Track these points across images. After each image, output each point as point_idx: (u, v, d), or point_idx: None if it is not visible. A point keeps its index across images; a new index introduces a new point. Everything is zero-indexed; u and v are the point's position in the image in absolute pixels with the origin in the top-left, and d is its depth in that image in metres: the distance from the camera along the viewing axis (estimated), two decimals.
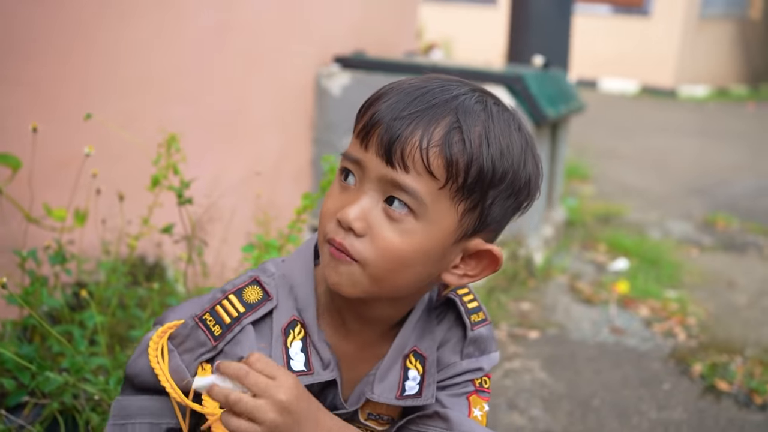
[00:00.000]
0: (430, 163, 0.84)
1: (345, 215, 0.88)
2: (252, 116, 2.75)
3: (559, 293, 3.02)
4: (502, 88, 2.92)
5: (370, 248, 0.88)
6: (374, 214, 0.88)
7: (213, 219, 1.99)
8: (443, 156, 0.84)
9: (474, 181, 0.86)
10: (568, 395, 2.19)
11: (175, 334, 1.00)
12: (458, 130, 0.85)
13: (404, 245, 0.87)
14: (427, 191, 0.85)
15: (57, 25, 2.04)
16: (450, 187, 0.86)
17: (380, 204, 0.88)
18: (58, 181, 2.02)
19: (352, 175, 0.90)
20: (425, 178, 0.85)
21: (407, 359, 1.01)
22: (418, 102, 0.86)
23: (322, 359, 0.98)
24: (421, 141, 0.84)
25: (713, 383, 2.30)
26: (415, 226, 0.87)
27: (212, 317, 0.96)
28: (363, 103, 0.92)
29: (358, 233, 0.88)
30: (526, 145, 0.90)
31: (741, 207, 4.83)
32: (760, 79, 12.75)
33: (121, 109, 2.23)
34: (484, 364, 1.05)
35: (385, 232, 0.87)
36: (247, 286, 0.98)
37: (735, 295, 3.18)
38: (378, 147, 0.86)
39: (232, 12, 2.58)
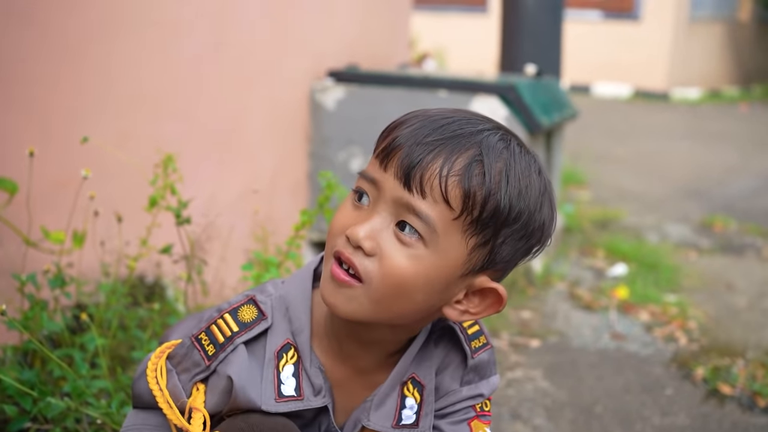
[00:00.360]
0: (448, 191, 0.84)
1: (355, 233, 0.87)
2: (247, 132, 2.76)
3: (558, 300, 3.02)
4: (496, 97, 2.93)
5: (377, 269, 0.87)
6: (384, 235, 0.87)
7: (211, 237, 1.99)
8: (462, 186, 0.84)
9: (489, 216, 0.85)
10: (570, 403, 2.19)
11: (173, 353, 1.00)
12: (480, 163, 0.85)
13: (410, 270, 0.87)
14: (440, 219, 0.85)
15: (47, 47, 2.05)
16: (464, 219, 0.85)
17: (391, 226, 0.87)
18: (55, 203, 2.02)
19: (366, 196, 0.90)
20: (441, 207, 0.85)
21: (405, 386, 1.01)
22: (442, 130, 0.86)
23: (313, 385, 0.97)
24: (442, 169, 0.84)
25: (716, 387, 2.30)
26: (423, 254, 0.86)
27: (207, 337, 0.97)
28: (386, 126, 0.92)
29: (367, 252, 0.87)
30: (544, 190, 0.90)
31: (738, 208, 4.85)
32: (751, 80, 12.81)
33: (116, 128, 2.23)
34: (484, 390, 1.05)
35: (393, 254, 0.87)
36: (242, 305, 0.98)
37: (734, 297, 3.18)
38: (397, 169, 0.86)
39: (225, 29, 2.59)
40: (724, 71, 12.40)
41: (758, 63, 12.99)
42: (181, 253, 1.82)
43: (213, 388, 0.96)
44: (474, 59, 10.90)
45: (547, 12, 4.28)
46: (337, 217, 0.92)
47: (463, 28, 12.19)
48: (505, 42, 4.29)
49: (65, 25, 2.07)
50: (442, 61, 10.89)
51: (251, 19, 2.70)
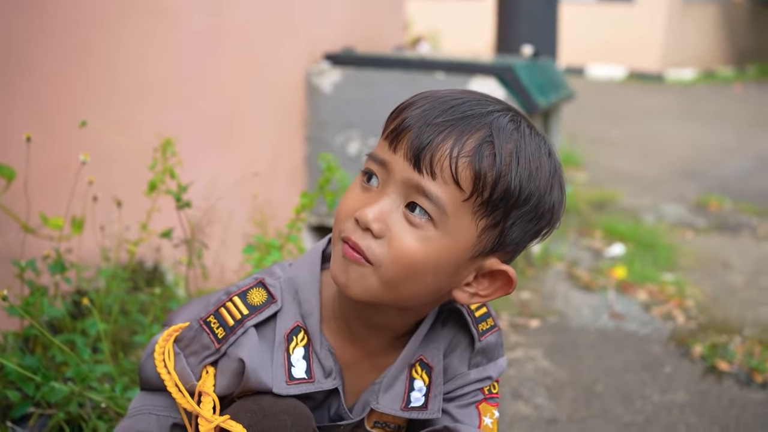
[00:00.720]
0: (458, 172, 0.83)
1: (364, 215, 0.86)
2: (245, 118, 2.75)
3: (557, 281, 3.03)
4: (493, 78, 2.92)
5: (386, 251, 0.86)
6: (394, 217, 0.86)
7: (211, 221, 1.99)
8: (472, 167, 0.83)
9: (499, 197, 0.84)
10: (571, 382, 2.20)
11: (180, 336, 0.99)
12: (490, 144, 0.84)
13: (420, 252, 0.86)
14: (450, 201, 0.84)
15: (54, 35, 2.04)
16: (474, 201, 0.84)
17: (401, 208, 0.86)
18: (54, 189, 2.01)
19: (375, 177, 0.89)
20: (451, 188, 0.84)
21: (413, 369, 1.00)
22: (452, 111, 0.85)
23: (323, 367, 0.97)
24: (452, 149, 0.83)
25: (714, 364, 2.32)
26: (433, 235, 0.86)
27: (216, 320, 0.96)
28: (396, 107, 0.91)
29: (375, 234, 0.86)
30: (554, 172, 0.89)
31: (732, 188, 4.86)
32: (745, 61, 12.81)
33: (117, 115, 2.22)
34: (492, 372, 1.04)
35: (403, 236, 0.85)
36: (251, 288, 0.97)
37: (731, 275, 3.20)
38: (407, 150, 0.85)
39: (222, 16, 2.57)
40: (718, 52, 12.39)
41: (752, 43, 12.98)
42: (181, 237, 1.82)
43: (223, 371, 0.96)
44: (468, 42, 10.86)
45: None
46: (346, 200, 0.91)
47: (456, 11, 12.14)
48: (501, 24, 4.28)
49: (66, 13, 2.06)
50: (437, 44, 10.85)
51: (248, 5, 2.68)
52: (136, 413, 1.02)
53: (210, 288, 2.08)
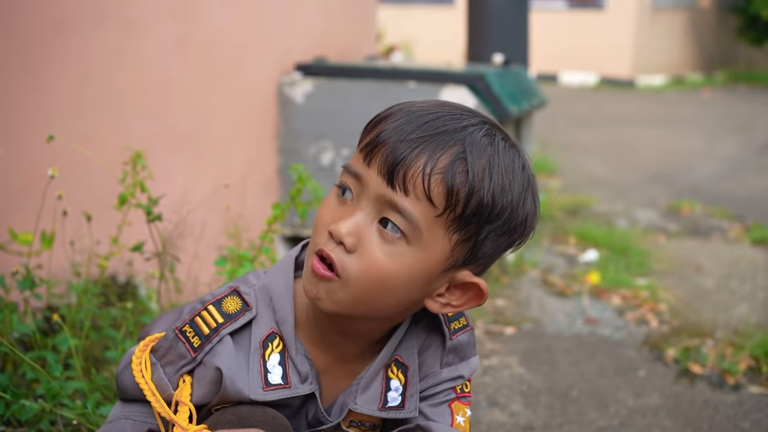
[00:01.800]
0: (431, 189, 0.84)
1: (337, 229, 0.87)
2: (216, 129, 2.74)
3: (532, 288, 3.05)
4: (464, 87, 2.94)
5: (357, 266, 0.87)
6: (367, 232, 0.87)
7: (183, 234, 1.98)
8: (445, 184, 0.84)
9: (472, 213, 0.85)
10: (546, 388, 2.21)
11: (157, 346, 1.00)
12: (463, 160, 0.85)
13: (391, 268, 0.87)
14: (423, 217, 0.85)
15: (11, 45, 2.01)
16: (447, 216, 0.85)
17: (374, 223, 0.87)
18: (22, 204, 1.98)
19: (349, 191, 0.90)
20: (423, 204, 0.85)
21: (389, 369, 1.01)
22: (427, 127, 0.86)
23: (299, 372, 0.98)
24: (425, 166, 0.84)
25: (687, 367, 2.35)
26: (406, 251, 0.87)
27: (192, 329, 0.96)
28: (371, 119, 0.92)
29: (348, 249, 0.87)
30: (527, 185, 0.90)
31: (703, 192, 4.93)
32: (713, 66, 13.04)
33: (83, 127, 2.20)
34: (464, 371, 1.05)
35: (375, 251, 0.87)
36: (226, 296, 0.98)
37: (703, 279, 3.24)
38: (381, 166, 0.86)
39: (190, 25, 2.56)
40: (687, 58, 12.60)
41: (720, 49, 13.22)
42: (152, 251, 1.80)
43: (200, 380, 0.96)
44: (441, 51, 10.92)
45: (512, 2, 4.31)
46: (321, 212, 0.92)
47: (429, 20, 12.21)
48: (472, 32, 4.31)
49: (29, 22, 2.03)
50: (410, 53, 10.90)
51: (216, 14, 2.68)
52: (113, 419, 1.02)
53: (183, 301, 2.07)
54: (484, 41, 4.17)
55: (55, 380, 1.52)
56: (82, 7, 2.18)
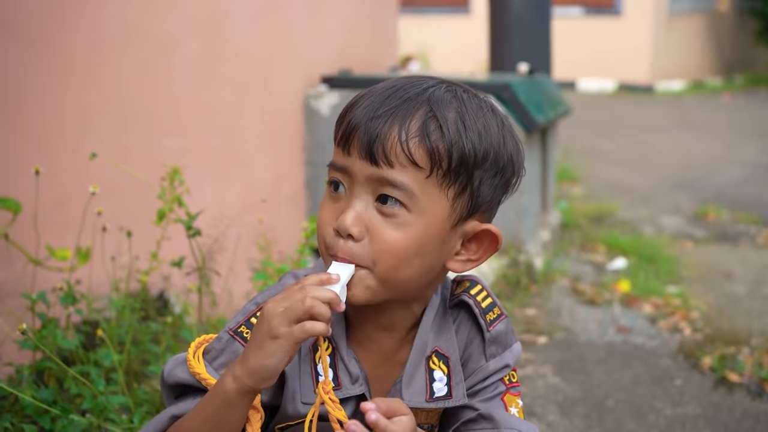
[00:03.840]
0: (412, 154, 0.87)
1: (342, 223, 0.89)
2: (244, 142, 2.76)
3: (562, 297, 3.04)
4: (491, 97, 2.94)
5: (372, 249, 0.89)
6: (369, 215, 0.89)
7: (221, 249, 1.99)
8: (423, 145, 0.87)
9: (458, 164, 0.88)
10: (582, 398, 2.20)
11: (208, 348, 0.98)
12: (434, 118, 0.88)
13: (403, 239, 0.89)
14: (414, 182, 0.88)
15: (51, 66, 2.04)
16: (436, 174, 0.88)
17: (372, 204, 0.90)
18: (60, 220, 2.01)
19: (341, 185, 0.92)
20: (410, 170, 0.88)
21: (430, 360, 1.01)
22: (390, 100, 0.89)
23: (350, 374, 0.98)
24: (400, 135, 0.87)
25: (724, 375, 2.32)
26: (409, 219, 0.89)
27: (248, 329, 0.96)
28: (339, 114, 0.94)
29: (356, 238, 0.89)
30: (502, 125, 0.94)
31: (728, 197, 4.89)
32: (733, 70, 12.94)
33: (115, 144, 2.23)
34: (509, 360, 1.06)
35: (383, 231, 0.89)
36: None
37: (734, 285, 3.21)
38: (360, 149, 0.89)
39: (217, 41, 2.59)
40: (706, 62, 12.51)
41: (739, 53, 13.12)
42: (192, 266, 1.82)
43: None
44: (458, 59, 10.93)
45: (534, 10, 4.30)
46: (321, 214, 0.94)
47: (445, 29, 12.22)
48: (494, 42, 4.31)
49: (65, 44, 2.07)
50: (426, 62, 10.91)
51: (243, 30, 2.70)
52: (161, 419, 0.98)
53: (219, 315, 2.08)
54: (507, 50, 4.17)
55: (100, 395, 1.53)
56: (112, 26, 2.21)
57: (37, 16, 2.00)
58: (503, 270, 3.01)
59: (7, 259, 1.90)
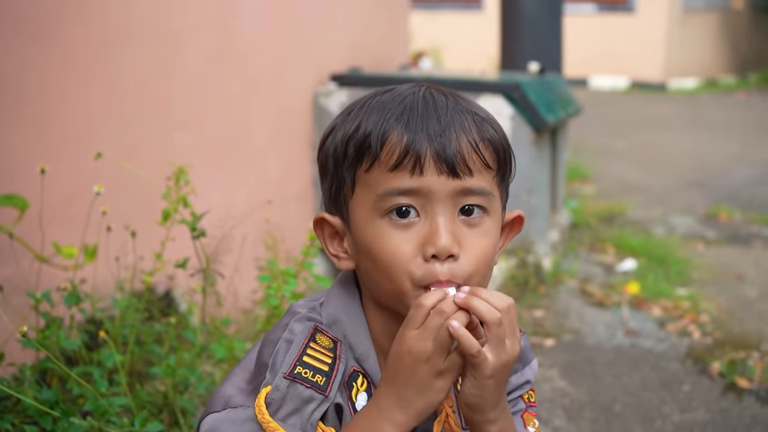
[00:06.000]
0: (485, 157, 0.88)
1: (442, 247, 0.84)
2: (253, 139, 2.75)
3: (570, 298, 3.01)
4: (500, 96, 2.92)
5: (468, 263, 0.87)
6: (459, 231, 0.87)
7: (226, 250, 1.98)
8: (490, 146, 0.89)
9: (506, 158, 0.91)
10: (589, 402, 2.18)
11: (267, 401, 0.89)
12: (479, 120, 0.89)
13: (490, 246, 0.90)
14: (490, 184, 0.89)
15: (58, 63, 2.03)
16: (498, 172, 0.90)
17: (456, 219, 0.88)
18: (65, 218, 2.00)
19: (412, 209, 0.87)
20: (485, 174, 0.88)
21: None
22: (427, 112, 0.87)
23: None
24: (470, 141, 0.87)
25: (733, 381, 2.30)
26: (489, 224, 0.90)
27: (305, 368, 0.89)
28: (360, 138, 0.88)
29: (456, 256, 0.86)
30: None
31: (741, 197, 4.83)
32: (747, 68, 12.81)
33: (124, 141, 2.22)
34: (529, 376, 1.04)
35: (476, 243, 0.88)
36: (314, 334, 0.92)
37: (745, 288, 3.17)
38: (437, 165, 0.85)
39: (228, 38, 2.58)
40: (720, 60, 12.39)
41: (754, 50, 12.99)
42: (196, 267, 1.81)
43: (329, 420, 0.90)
44: (469, 56, 10.88)
45: (545, 9, 4.27)
46: (388, 248, 0.86)
47: (458, 26, 12.17)
48: (505, 40, 4.28)
49: (71, 40, 2.06)
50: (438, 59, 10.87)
51: (253, 27, 2.69)
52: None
53: (224, 315, 2.07)
54: (518, 48, 4.14)
55: (102, 397, 1.53)
56: (121, 23, 2.20)
57: (43, 13, 2.00)
58: (511, 271, 2.98)
59: (13, 257, 1.89)
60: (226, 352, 1.76)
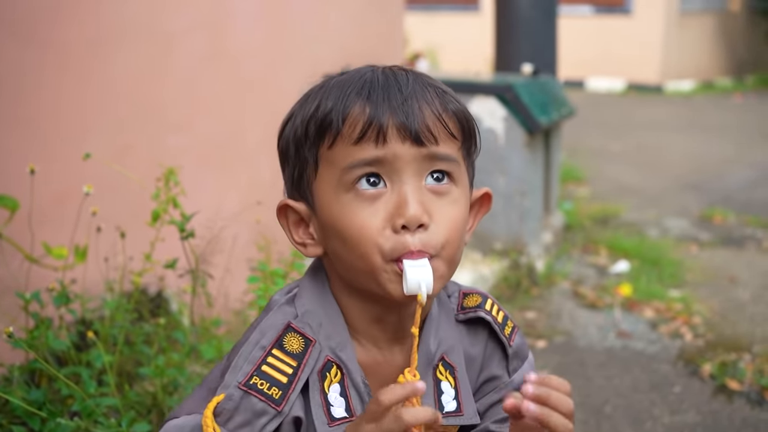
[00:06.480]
0: (449, 126, 0.87)
1: (412, 214, 0.83)
2: (246, 141, 2.75)
3: (563, 300, 3.02)
4: (494, 98, 2.92)
5: (440, 232, 0.86)
6: (427, 200, 0.86)
7: (215, 251, 1.98)
8: (454, 117, 0.88)
9: (470, 130, 0.91)
10: (580, 403, 2.18)
11: (218, 410, 0.87)
12: (442, 92, 0.89)
13: (460, 215, 0.89)
14: (455, 152, 0.88)
15: (49, 62, 2.03)
16: (462, 144, 0.90)
17: (424, 188, 0.87)
18: (56, 218, 2.00)
19: (376, 178, 0.85)
20: (450, 142, 0.88)
21: (437, 370, 0.95)
22: (388, 85, 0.87)
23: (363, 401, 0.91)
24: (433, 110, 0.86)
25: (724, 383, 2.30)
26: (458, 193, 0.89)
27: (263, 379, 0.86)
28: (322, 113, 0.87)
29: (426, 225, 0.85)
30: None
31: (736, 200, 4.84)
32: (744, 71, 12.83)
33: (115, 142, 2.22)
34: (528, 371, 1.03)
35: (444, 212, 0.87)
36: (284, 335, 0.89)
37: (738, 290, 3.18)
38: (400, 133, 0.84)
39: (220, 39, 2.58)
40: (717, 62, 12.42)
41: (751, 53, 13.01)
42: (185, 268, 1.81)
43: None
44: (467, 58, 10.89)
45: (540, 10, 4.27)
46: (356, 221, 0.84)
47: (454, 27, 12.18)
48: (500, 41, 4.28)
49: (64, 40, 2.06)
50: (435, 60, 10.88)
51: (246, 27, 2.69)
52: None
53: (214, 316, 2.07)
54: (513, 50, 4.14)
55: (90, 397, 1.53)
56: (114, 23, 2.20)
57: (36, 13, 2.00)
58: (504, 272, 2.99)
59: (2, 257, 1.89)
60: (215, 352, 1.76)
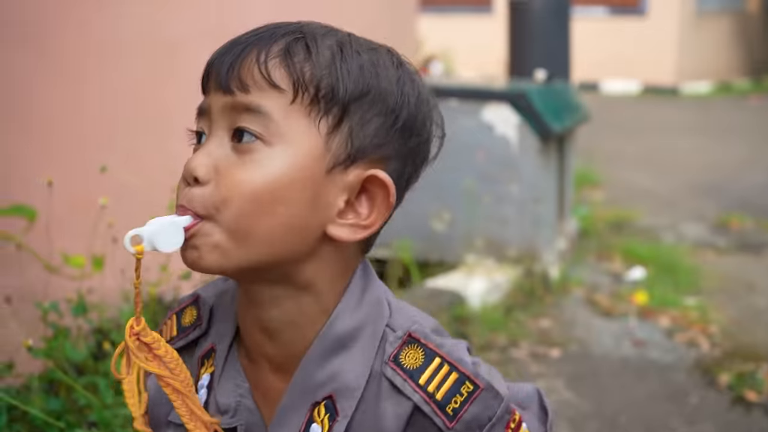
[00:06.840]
0: (271, 74, 0.72)
1: (186, 167, 0.73)
2: None
3: (577, 307, 3.01)
4: (507, 105, 2.92)
5: (215, 191, 0.72)
6: (222, 155, 0.73)
7: None
8: (285, 65, 0.73)
9: (328, 91, 0.73)
10: (594, 414, 2.18)
11: None
12: (302, 40, 0.74)
13: (257, 178, 0.71)
14: (274, 106, 0.72)
15: (56, 74, 2.06)
16: (302, 101, 0.72)
17: (228, 144, 0.73)
18: (73, 228, 2.02)
19: (203, 134, 0.76)
20: (270, 93, 0.72)
21: (316, 408, 0.76)
22: (256, 31, 0.77)
23: (218, 404, 0.80)
24: (258, 57, 0.73)
25: (741, 394, 2.28)
26: (268, 153, 0.72)
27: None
28: None
29: (202, 181, 0.72)
30: (398, 64, 0.80)
31: (753, 205, 4.80)
32: (762, 72, 12.72)
33: (125, 148, 2.24)
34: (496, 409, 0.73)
35: (231, 170, 0.72)
36: (188, 306, 0.87)
37: (756, 298, 3.15)
38: (215, 81, 0.74)
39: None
40: (734, 64, 12.32)
41: None
42: (200, 278, 1.82)
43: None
44: (480, 60, 10.88)
45: (553, 15, 4.26)
46: None
47: (468, 29, 12.17)
48: (513, 46, 4.28)
49: (73, 50, 2.08)
50: (449, 62, 10.87)
51: None
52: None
53: None
54: (526, 55, 4.14)
55: (107, 408, 1.54)
56: (120, 30, 2.23)
57: (46, 22, 2.02)
58: (518, 280, 2.98)
59: (21, 267, 1.92)
60: None
